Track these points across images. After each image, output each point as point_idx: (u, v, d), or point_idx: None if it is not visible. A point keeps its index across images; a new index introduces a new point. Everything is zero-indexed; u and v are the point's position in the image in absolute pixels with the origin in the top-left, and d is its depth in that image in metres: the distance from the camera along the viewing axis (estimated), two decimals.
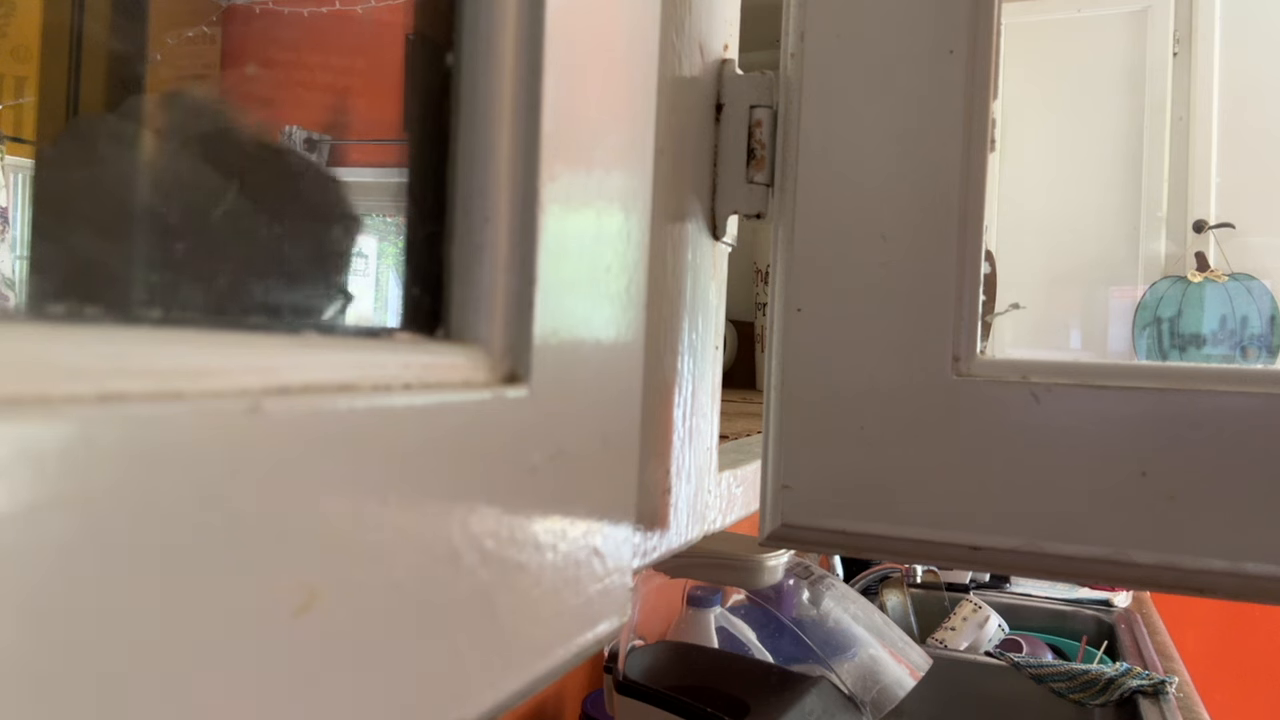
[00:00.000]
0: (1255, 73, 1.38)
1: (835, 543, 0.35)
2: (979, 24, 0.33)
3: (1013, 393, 0.33)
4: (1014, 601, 1.66)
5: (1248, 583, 0.30)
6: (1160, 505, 0.31)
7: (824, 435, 0.35)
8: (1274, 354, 1.33)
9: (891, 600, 1.58)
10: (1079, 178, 1.48)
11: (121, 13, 0.36)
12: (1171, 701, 1.15)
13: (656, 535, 0.33)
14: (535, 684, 0.22)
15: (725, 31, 0.37)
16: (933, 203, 0.34)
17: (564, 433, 0.22)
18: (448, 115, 0.21)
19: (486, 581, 0.20)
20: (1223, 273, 1.36)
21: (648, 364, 0.28)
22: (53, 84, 0.36)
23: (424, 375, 0.18)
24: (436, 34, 0.21)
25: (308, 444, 0.15)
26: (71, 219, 0.30)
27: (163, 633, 0.13)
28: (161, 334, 0.14)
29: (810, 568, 1.04)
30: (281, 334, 0.16)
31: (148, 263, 0.27)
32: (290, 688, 0.15)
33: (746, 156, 0.36)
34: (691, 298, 0.35)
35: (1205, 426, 0.30)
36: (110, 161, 0.32)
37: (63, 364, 0.12)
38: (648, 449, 0.32)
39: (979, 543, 0.33)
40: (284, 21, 0.39)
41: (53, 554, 0.11)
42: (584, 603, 0.24)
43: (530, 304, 0.21)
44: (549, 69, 0.21)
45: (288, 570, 0.15)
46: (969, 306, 0.33)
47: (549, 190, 0.21)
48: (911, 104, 0.34)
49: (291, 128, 0.39)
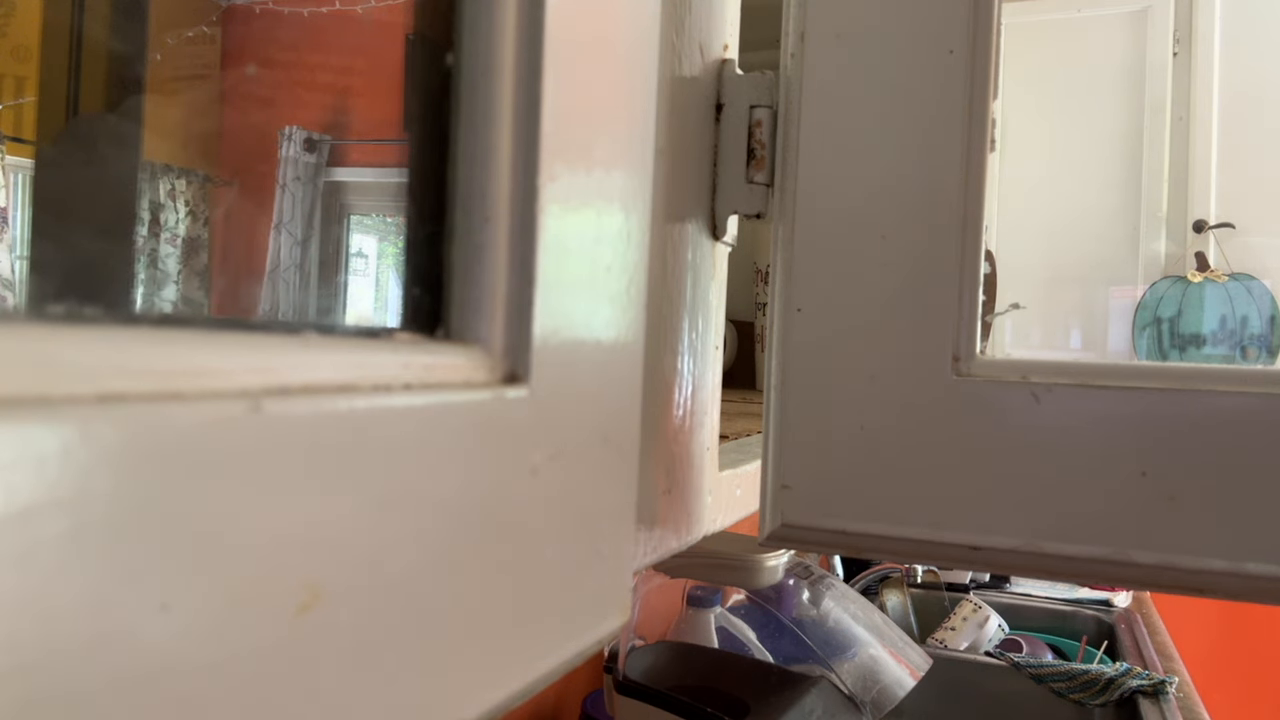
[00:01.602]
0: (1255, 73, 1.38)
1: (835, 543, 0.35)
2: (979, 24, 0.33)
3: (1013, 393, 0.32)
4: (1014, 601, 1.66)
5: (1248, 583, 0.30)
6: (1160, 505, 0.31)
7: (824, 435, 0.35)
8: (1274, 354, 1.33)
9: (891, 600, 1.58)
10: (1079, 178, 1.48)
11: (121, 13, 0.36)
12: (1171, 701, 1.15)
13: (656, 535, 0.33)
14: (535, 684, 0.22)
15: (725, 31, 0.37)
16: (933, 203, 0.34)
17: (564, 433, 0.22)
18: (448, 115, 0.21)
19: (486, 581, 0.20)
20: (1223, 273, 1.36)
21: (648, 364, 0.28)
22: (53, 84, 0.36)
23: (424, 375, 0.18)
24: (436, 34, 0.21)
25: (308, 444, 0.15)
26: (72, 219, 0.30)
27: (163, 633, 0.13)
28: (161, 334, 0.14)
29: (810, 568, 1.04)
30: (281, 334, 0.16)
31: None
32: (291, 687, 0.15)
33: (746, 156, 0.36)
34: (691, 298, 0.35)
35: (1205, 426, 0.30)
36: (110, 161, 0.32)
37: (63, 364, 0.12)
38: (648, 449, 0.32)
39: (979, 543, 0.33)
40: (284, 21, 0.39)
41: (53, 554, 0.11)
42: (584, 603, 0.24)
43: (530, 304, 0.21)
44: (549, 69, 0.21)
45: (288, 570, 0.15)
46: (969, 306, 0.33)
47: (549, 190, 0.21)
48: (911, 104, 0.34)
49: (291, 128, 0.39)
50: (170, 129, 0.41)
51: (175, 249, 0.45)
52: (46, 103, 0.37)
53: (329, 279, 0.47)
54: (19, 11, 0.38)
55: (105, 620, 0.12)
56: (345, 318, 0.44)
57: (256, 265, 0.46)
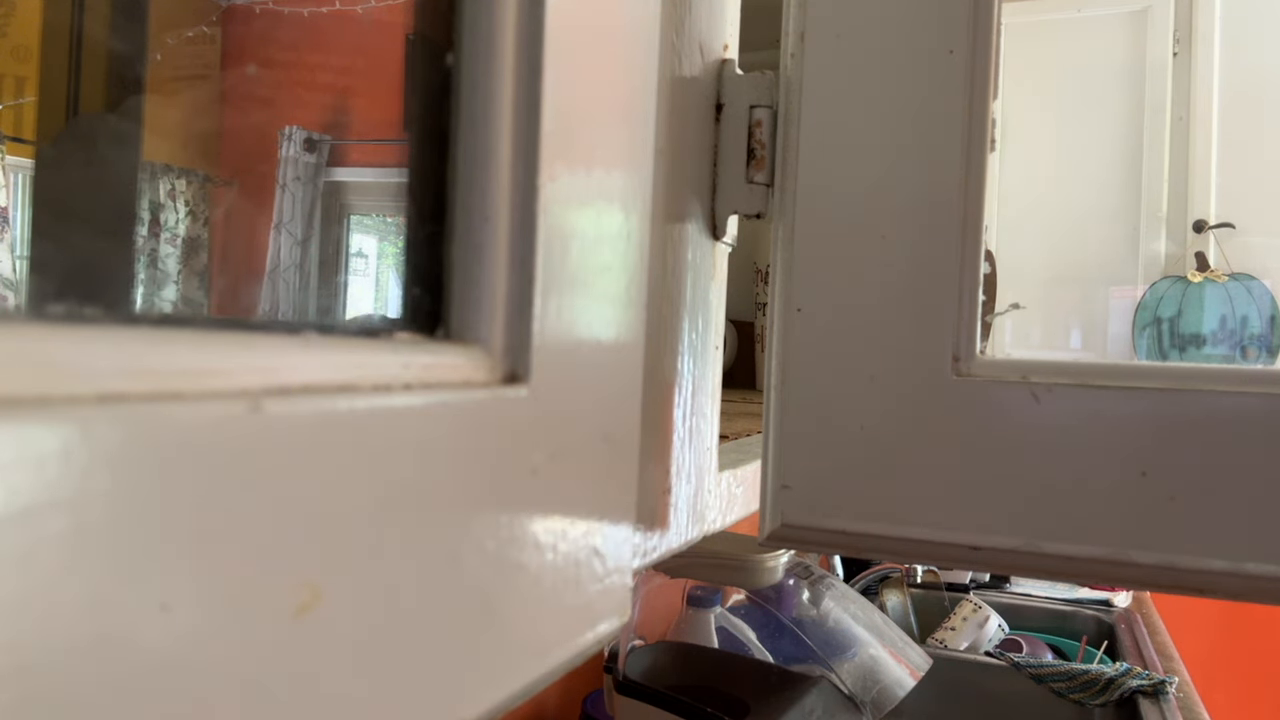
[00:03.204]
0: (1255, 73, 1.38)
1: (835, 543, 0.35)
2: (979, 24, 0.33)
3: (1013, 393, 0.32)
4: (1014, 601, 1.66)
5: (1248, 583, 0.30)
6: (1160, 505, 0.31)
7: (824, 435, 0.35)
8: (1274, 354, 1.33)
9: (891, 600, 1.58)
10: (1079, 178, 1.48)
11: (121, 13, 0.36)
12: (1171, 701, 1.15)
13: (656, 535, 0.33)
14: (535, 684, 0.22)
15: (725, 31, 0.37)
16: (933, 203, 0.34)
17: (564, 433, 0.22)
18: (448, 115, 0.21)
19: (486, 581, 0.20)
20: (1223, 273, 1.36)
21: (648, 364, 0.28)
22: (53, 84, 0.36)
23: (424, 375, 0.18)
24: (436, 34, 0.21)
25: (308, 444, 0.15)
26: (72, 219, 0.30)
27: (163, 633, 0.13)
28: (161, 334, 0.14)
29: (810, 568, 1.04)
30: (281, 334, 0.16)
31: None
32: (291, 686, 0.15)
33: (746, 156, 0.36)
34: (691, 298, 0.35)
35: (1205, 426, 0.30)
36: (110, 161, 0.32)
37: (63, 364, 0.12)
38: (648, 449, 0.32)
39: (979, 543, 0.33)
40: (284, 21, 0.39)
41: (53, 554, 0.11)
42: (584, 603, 0.24)
43: (530, 304, 0.21)
44: (549, 69, 0.21)
45: (289, 570, 0.15)
46: (969, 306, 0.33)
47: (549, 190, 0.21)
48: (911, 104, 0.34)
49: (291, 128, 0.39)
50: (170, 129, 0.41)
51: (175, 249, 0.45)
52: (46, 103, 0.37)
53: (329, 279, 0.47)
54: (19, 11, 0.38)
55: (105, 620, 0.12)
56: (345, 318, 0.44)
57: (256, 265, 0.46)
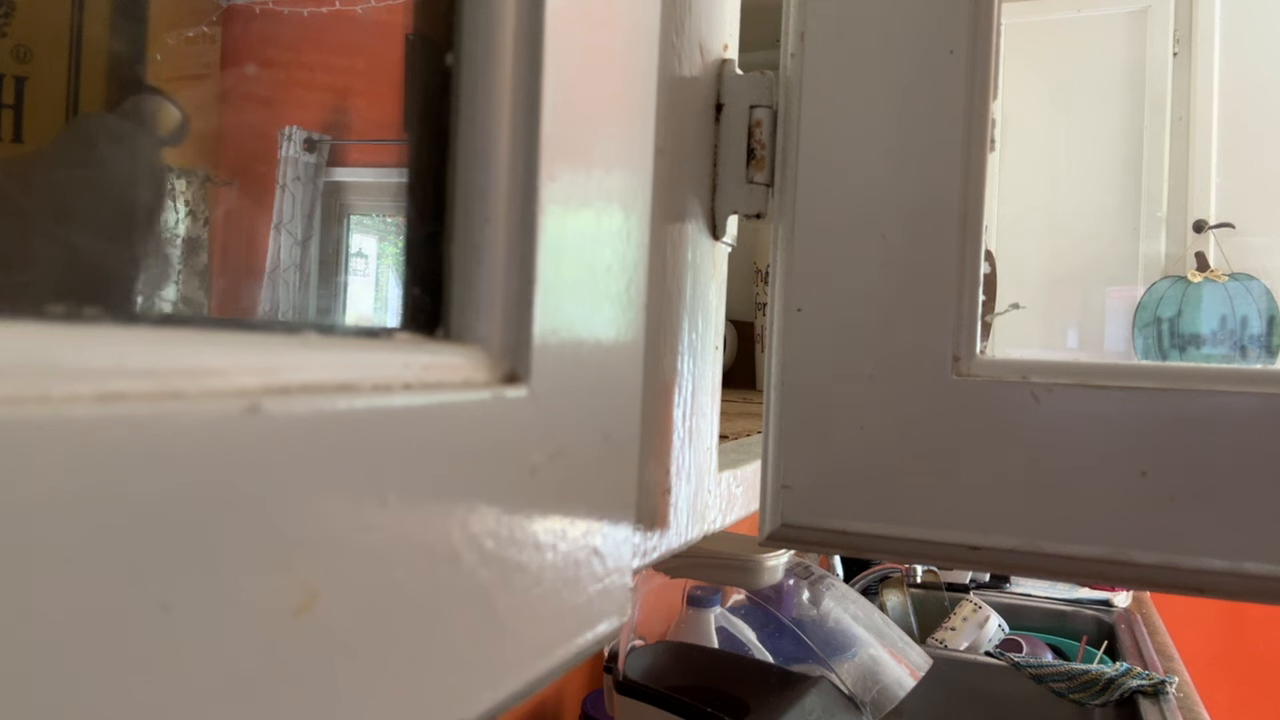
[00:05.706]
0: (1255, 73, 1.38)
1: (835, 543, 0.35)
2: (979, 24, 0.33)
3: (1013, 393, 0.32)
4: (1014, 601, 1.66)
5: (1248, 583, 0.30)
6: (1160, 505, 0.31)
7: (824, 435, 0.35)
8: (1274, 354, 1.33)
9: (891, 600, 1.58)
10: (1079, 177, 1.48)
11: (121, 13, 0.36)
12: (1171, 701, 1.15)
13: (656, 535, 0.33)
14: (535, 684, 0.22)
15: (725, 31, 0.37)
16: (933, 203, 0.34)
17: (564, 433, 0.22)
18: (448, 115, 0.21)
19: (486, 581, 0.20)
20: (1223, 273, 1.36)
21: (648, 364, 0.28)
22: (53, 84, 0.36)
23: (424, 375, 0.18)
24: (436, 34, 0.21)
25: (307, 444, 0.15)
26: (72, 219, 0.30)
27: (163, 633, 0.13)
28: (161, 334, 0.14)
29: (810, 568, 1.04)
30: (281, 334, 0.16)
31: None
32: (291, 687, 0.15)
33: (746, 156, 0.36)
34: (691, 298, 0.35)
35: (1205, 426, 0.30)
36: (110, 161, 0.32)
37: (63, 364, 0.12)
38: (648, 449, 0.32)
39: (979, 543, 0.33)
40: (284, 21, 0.39)
41: (52, 555, 0.11)
42: (584, 603, 0.24)
43: (530, 304, 0.21)
44: (549, 69, 0.21)
45: (288, 570, 0.15)
46: (969, 306, 0.33)
47: (549, 190, 0.21)
48: (911, 104, 0.34)
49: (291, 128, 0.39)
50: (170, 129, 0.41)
51: (175, 249, 0.45)
52: (46, 103, 0.37)
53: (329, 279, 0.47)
54: (19, 11, 0.38)
55: (105, 620, 0.12)
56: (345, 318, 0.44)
57: (256, 265, 0.46)
